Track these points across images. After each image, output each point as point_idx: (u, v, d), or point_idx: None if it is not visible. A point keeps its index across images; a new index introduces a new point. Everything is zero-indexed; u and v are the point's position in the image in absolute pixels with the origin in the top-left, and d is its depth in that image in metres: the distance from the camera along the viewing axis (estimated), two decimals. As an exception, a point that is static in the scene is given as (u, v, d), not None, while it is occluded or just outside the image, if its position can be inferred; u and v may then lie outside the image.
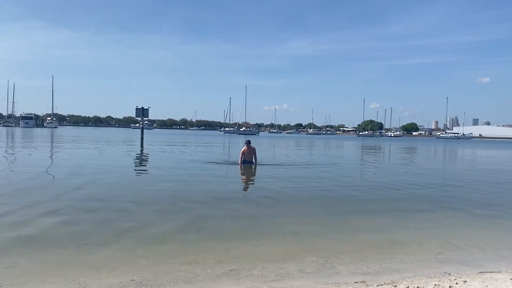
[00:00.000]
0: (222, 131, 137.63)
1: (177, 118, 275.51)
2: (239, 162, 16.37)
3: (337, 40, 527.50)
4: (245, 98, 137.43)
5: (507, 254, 5.61)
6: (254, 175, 14.24)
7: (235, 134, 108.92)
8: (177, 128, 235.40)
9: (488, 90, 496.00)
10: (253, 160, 16.74)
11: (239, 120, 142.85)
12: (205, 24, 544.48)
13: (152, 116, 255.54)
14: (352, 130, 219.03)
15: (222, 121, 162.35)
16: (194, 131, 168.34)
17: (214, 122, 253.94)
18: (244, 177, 13.95)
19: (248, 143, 16.66)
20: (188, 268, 4.65)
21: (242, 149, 16.72)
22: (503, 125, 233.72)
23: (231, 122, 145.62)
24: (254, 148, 17.03)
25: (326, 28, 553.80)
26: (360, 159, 26.51)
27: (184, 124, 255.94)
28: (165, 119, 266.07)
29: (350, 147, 45.57)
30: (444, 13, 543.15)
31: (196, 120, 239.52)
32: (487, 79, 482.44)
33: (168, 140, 48.53)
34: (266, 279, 4.36)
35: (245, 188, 11.24)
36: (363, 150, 38.70)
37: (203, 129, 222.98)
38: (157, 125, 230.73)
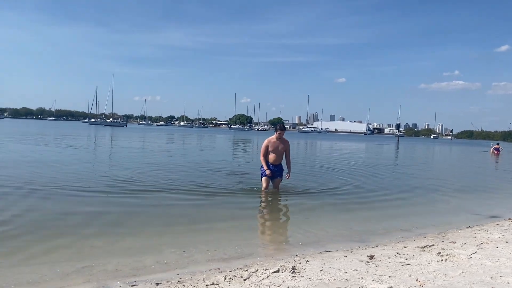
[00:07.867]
0: (86, 122, 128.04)
1: (33, 107, 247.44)
2: (262, 161, 9.63)
3: (214, 34, 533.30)
4: (112, 87, 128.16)
5: (345, 235, 6.39)
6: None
7: (101, 126, 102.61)
8: (33, 118, 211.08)
9: (344, 90, 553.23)
10: (282, 164, 9.90)
11: (106, 110, 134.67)
12: (73, 5, 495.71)
13: (3, 104, 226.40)
14: (224, 123, 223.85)
15: (87, 112, 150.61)
16: (53, 121, 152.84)
17: (77, 112, 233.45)
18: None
19: (281, 129, 9.74)
20: (34, 269, 4.29)
21: (266, 140, 9.78)
22: (354, 121, 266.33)
23: (97, 113, 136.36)
24: (288, 142, 10.06)
25: (204, 20, 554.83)
26: (232, 151, 27.33)
27: (41, 114, 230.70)
28: (18, 108, 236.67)
29: (222, 140, 46.56)
30: (316, 15, 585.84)
31: (56, 110, 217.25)
32: (343, 80, 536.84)
33: (24, 131, 43.49)
34: (121, 274, 4.26)
35: (102, 183, 10.44)
36: (235, 143, 39.92)
37: (64, 120, 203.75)
38: (8, 115, 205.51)
